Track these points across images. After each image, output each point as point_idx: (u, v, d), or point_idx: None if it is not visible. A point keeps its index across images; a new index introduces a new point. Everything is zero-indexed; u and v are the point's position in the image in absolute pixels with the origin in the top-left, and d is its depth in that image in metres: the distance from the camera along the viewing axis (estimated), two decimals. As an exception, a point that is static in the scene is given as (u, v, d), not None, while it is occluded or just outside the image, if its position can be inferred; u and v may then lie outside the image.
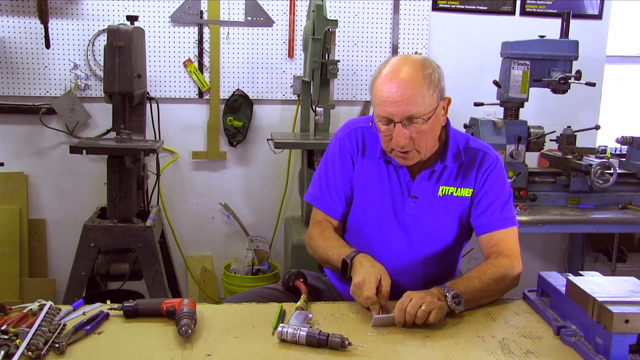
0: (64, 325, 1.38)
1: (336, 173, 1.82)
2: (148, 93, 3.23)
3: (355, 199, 1.81)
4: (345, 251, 1.67)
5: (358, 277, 1.54)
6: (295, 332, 1.35)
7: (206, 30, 3.39)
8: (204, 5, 3.36)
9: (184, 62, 3.40)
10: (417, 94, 1.58)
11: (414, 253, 1.77)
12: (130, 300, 1.48)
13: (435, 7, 3.57)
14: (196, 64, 3.41)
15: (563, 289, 1.49)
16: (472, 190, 1.76)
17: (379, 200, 1.77)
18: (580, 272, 1.65)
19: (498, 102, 3.14)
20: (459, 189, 1.75)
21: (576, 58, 3.05)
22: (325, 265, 1.79)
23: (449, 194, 1.75)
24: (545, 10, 3.64)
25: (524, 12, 3.63)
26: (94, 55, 3.30)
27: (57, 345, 1.28)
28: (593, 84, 3.08)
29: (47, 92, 3.31)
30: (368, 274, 1.53)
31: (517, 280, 1.70)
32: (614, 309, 1.26)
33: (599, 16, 3.70)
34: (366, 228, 1.79)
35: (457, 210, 1.77)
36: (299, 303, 1.55)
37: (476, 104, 3.15)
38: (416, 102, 1.58)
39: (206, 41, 3.40)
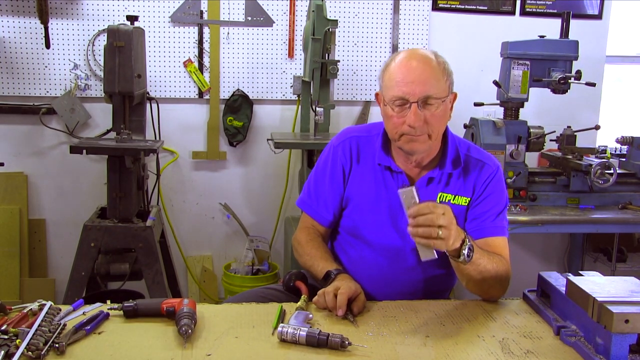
0: (64, 325, 1.38)
1: (326, 181, 1.82)
2: (148, 93, 3.23)
3: (352, 206, 1.80)
4: (331, 265, 1.71)
5: (339, 282, 1.59)
6: (295, 332, 1.35)
7: (206, 30, 3.39)
8: (204, 5, 3.36)
9: (184, 62, 3.40)
10: (433, 76, 1.62)
11: (413, 258, 1.76)
12: (130, 300, 1.48)
13: (435, 7, 3.57)
14: (196, 64, 3.41)
15: (563, 289, 1.49)
16: (469, 199, 1.75)
17: (377, 206, 1.76)
18: (580, 272, 1.65)
19: (498, 102, 3.14)
20: (457, 197, 1.75)
21: (576, 58, 3.05)
22: (306, 269, 1.81)
23: (447, 201, 1.74)
24: (545, 10, 3.64)
25: (524, 12, 3.63)
26: (94, 55, 3.30)
27: (57, 345, 1.28)
28: (593, 84, 3.08)
29: (47, 92, 3.31)
30: (350, 284, 1.59)
31: (506, 286, 1.70)
32: (614, 309, 1.26)
33: (599, 16, 3.70)
34: (365, 234, 1.78)
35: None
36: (299, 303, 1.56)
37: (476, 104, 3.15)
38: (432, 84, 1.61)
39: (206, 41, 3.40)
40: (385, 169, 1.75)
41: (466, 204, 1.75)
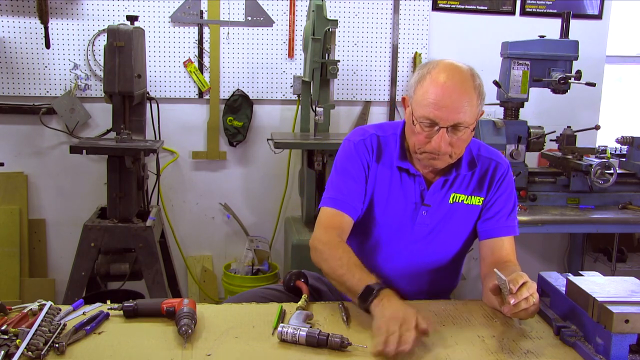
0: (64, 325, 1.38)
1: (354, 175, 1.75)
2: (148, 93, 3.23)
3: (368, 204, 1.78)
4: (368, 277, 1.53)
5: (398, 311, 1.38)
6: (295, 332, 1.35)
7: (206, 30, 3.39)
8: (204, 5, 3.36)
9: (184, 62, 3.40)
10: (468, 102, 1.57)
11: (422, 259, 1.77)
12: (130, 300, 1.48)
13: (435, 7, 3.57)
14: (196, 64, 3.41)
15: (563, 289, 1.50)
16: (483, 199, 1.76)
17: (391, 207, 1.75)
18: (580, 272, 1.65)
19: (498, 102, 3.14)
20: (470, 197, 1.75)
21: (576, 58, 3.05)
22: (333, 278, 1.62)
23: (460, 201, 1.75)
24: (545, 10, 3.64)
25: (524, 12, 3.63)
26: (94, 55, 3.30)
27: (57, 345, 1.28)
28: (593, 84, 3.08)
29: (47, 92, 3.31)
30: (409, 313, 1.38)
31: None
32: (614, 309, 1.26)
33: (599, 16, 3.70)
34: (375, 233, 1.77)
35: (466, 218, 1.77)
36: (299, 303, 1.55)
37: (476, 104, 3.14)
38: (465, 110, 1.57)
39: (206, 41, 3.40)
40: (402, 170, 1.74)
41: (480, 203, 1.76)
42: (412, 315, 1.36)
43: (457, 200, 1.74)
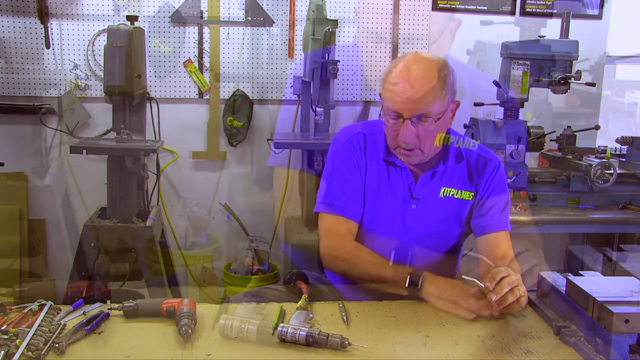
0: (64, 325, 1.38)
1: (348, 175, 1.77)
2: (148, 93, 3.23)
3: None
4: (403, 268, 1.62)
5: (453, 289, 1.56)
6: (295, 332, 1.35)
7: (206, 30, 3.39)
8: (204, 5, 3.36)
9: (184, 62, 3.40)
10: (430, 93, 1.58)
11: (415, 254, 1.77)
12: (130, 300, 1.48)
13: (435, 7, 3.57)
14: (196, 64, 3.41)
15: (563, 289, 1.50)
16: (473, 193, 1.77)
17: (381, 202, 1.76)
18: (580, 272, 1.65)
19: (498, 102, 3.14)
20: (460, 191, 1.76)
21: (576, 58, 3.05)
22: (369, 280, 1.68)
23: (450, 195, 1.76)
24: (545, 10, 3.64)
25: (524, 12, 3.63)
26: (94, 55, 3.30)
27: (57, 345, 1.28)
28: (593, 84, 3.08)
29: (47, 92, 3.31)
30: (460, 286, 1.56)
31: None
32: (614, 309, 1.26)
33: (599, 16, 3.70)
34: (367, 227, 1.78)
35: (457, 212, 1.77)
36: (299, 303, 1.55)
37: (476, 104, 3.14)
38: (428, 101, 1.58)
39: (206, 41, 3.40)
40: (390, 164, 1.76)
41: (470, 198, 1.77)
42: (463, 287, 1.55)
43: (447, 194, 1.76)
